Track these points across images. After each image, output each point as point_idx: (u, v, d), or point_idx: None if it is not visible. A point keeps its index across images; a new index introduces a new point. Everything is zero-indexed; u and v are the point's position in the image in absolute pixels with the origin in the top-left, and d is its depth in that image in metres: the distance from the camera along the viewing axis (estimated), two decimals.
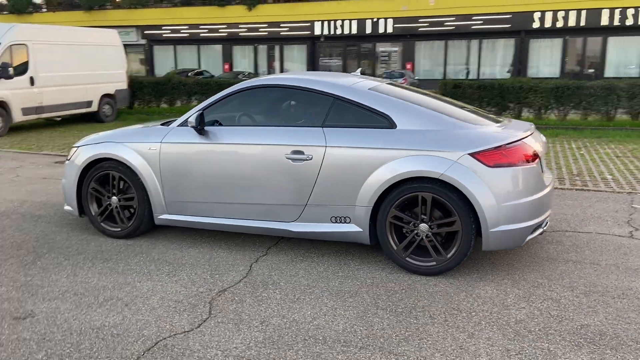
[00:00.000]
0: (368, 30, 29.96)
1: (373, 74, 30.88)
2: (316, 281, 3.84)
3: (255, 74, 31.51)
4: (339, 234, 4.08)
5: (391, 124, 3.95)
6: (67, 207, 4.98)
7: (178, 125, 4.52)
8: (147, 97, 16.58)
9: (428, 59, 29.90)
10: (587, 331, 3.06)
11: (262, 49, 34.10)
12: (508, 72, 28.21)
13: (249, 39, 33.63)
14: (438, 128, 3.87)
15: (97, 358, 2.89)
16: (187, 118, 4.48)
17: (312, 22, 31.22)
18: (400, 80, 24.32)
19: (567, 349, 2.89)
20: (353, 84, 4.24)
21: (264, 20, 32.44)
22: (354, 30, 30.34)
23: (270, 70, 33.82)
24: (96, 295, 3.64)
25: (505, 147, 3.72)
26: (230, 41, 34.28)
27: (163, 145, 4.47)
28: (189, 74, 28.30)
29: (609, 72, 27.37)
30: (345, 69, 31.89)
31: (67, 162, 4.96)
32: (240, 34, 33.41)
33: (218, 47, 34.98)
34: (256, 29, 32.92)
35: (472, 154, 3.68)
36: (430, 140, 3.80)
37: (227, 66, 34.97)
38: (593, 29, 26.90)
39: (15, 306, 3.50)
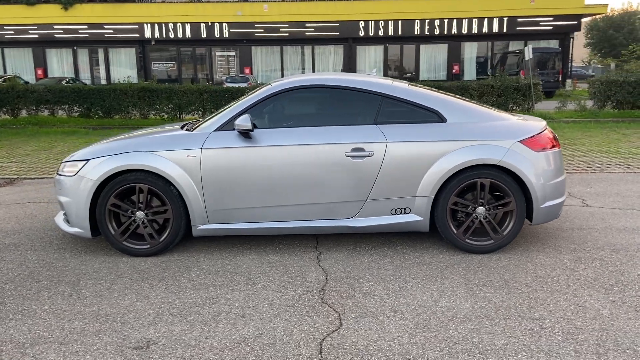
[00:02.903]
0: (203, 34, 29.53)
1: (211, 79, 30.54)
2: (396, 270, 4.03)
3: (77, 79, 28.91)
4: (400, 225, 4.31)
5: (441, 119, 4.31)
6: (72, 229, 4.37)
7: (216, 130, 4.29)
8: None
9: (265, 64, 30.54)
10: None
11: (83, 52, 31.44)
12: None
13: (66, 41, 30.70)
14: (480, 120, 4.34)
15: None
16: (228, 121, 4.29)
17: (142, 24, 29.73)
18: (245, 85, 24.52)
19: None
20: (393, 83, 4.50)
21: (84, 21, 29.95)
22: (188, 34, 29.66)
23: (95, 75, 31.30)
24: (199, 313, 3.38)
25: (540, 135, 4.34)
26: (43, 44, 30.94)
27: (205, 152, 4.21)
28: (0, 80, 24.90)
29: (422, 75, 30.96)
30: (180, 74, 30.97)
31: (65, 178, 4.35)
32: (55, 35, 30.37)
33: (28, 50, 31.33)
34: (75, 31, 30.25)
35: (521, 141, 4.22)
36: (482, 131, 4.25)
37: (40, 71, 31.47)
38: (408, 37, 30.16)
39: (119, 337, 3.09)
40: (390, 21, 29.56)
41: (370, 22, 29.50)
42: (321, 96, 4.45)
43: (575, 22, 29.43)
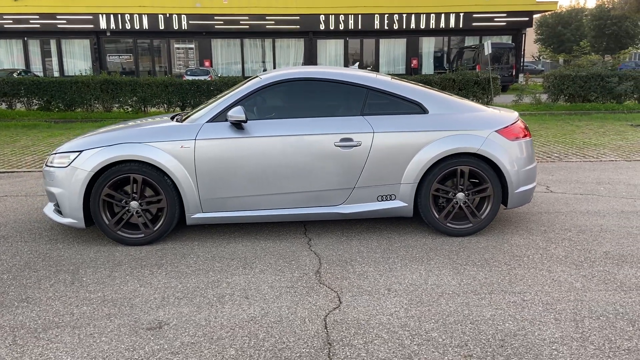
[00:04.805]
0: (161, 26, 29.10)
1: (169, 71, 30.12)
2: (385, 253, 4.27)
3: (29, 71, 28.01)
4: (385, 211, 4.55)
5: (423, 110, 4.57)
6: (65, 220, 4.41)
7: (208, 121, 4.42)
8: None
9: (225, 57, 30.34)
10: (614, 255, 4.16)
11: (34, 43, 30.47)
12: None
13: (16, 32, 29.65)
14: (459, 111, 4.63)
15: (286, 342, 2.96)
16: (220, 113, 4.43)
17: (96, 14, 29.01)
18: (206, 78, 24.32)
19: (617, 267, 3.92)
20: (377, 76, 4.73)
21: (34, 11, 28.99)
22: (145, 26, 29.14)
23: (47, 67, 30.35)
24: (203, 295, 3.53)
25: (513, 125, 4.66)
26: None
27: (198, 142, 4.33)
28: None
29: (382, 69, 31.44)
30: (137, 66, 30.42)
31: (57, 169, 4.40)
32: (5, 25, 29.28)
33: None
34: (26, 21, 29.27)
35: (497, 131, 4.53)
36: (461, 121, 4.54)
37: None
38: (368, 31, 30.56)
39: (131, 319, 3.22)
40: (350, 15, 29.88)
41: (330, 15, 29.74)
42: (309, 89, 4.63)
43: (527, 19, 30.50)
